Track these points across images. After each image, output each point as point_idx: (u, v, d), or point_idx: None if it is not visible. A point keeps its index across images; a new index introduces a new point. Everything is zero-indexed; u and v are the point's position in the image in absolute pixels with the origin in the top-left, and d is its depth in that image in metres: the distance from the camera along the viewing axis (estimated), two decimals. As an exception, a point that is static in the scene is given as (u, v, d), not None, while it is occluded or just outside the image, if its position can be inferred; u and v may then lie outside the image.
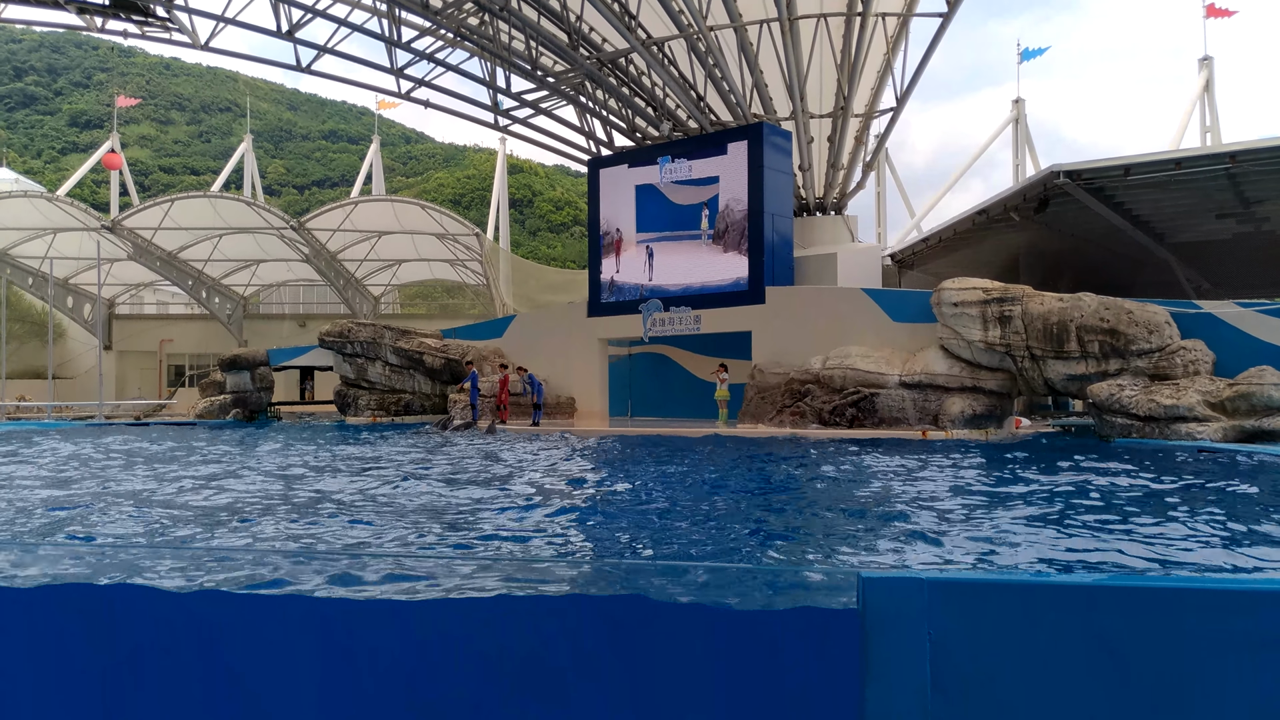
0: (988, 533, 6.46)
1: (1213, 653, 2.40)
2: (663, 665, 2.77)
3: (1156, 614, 2.45)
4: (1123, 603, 2.48)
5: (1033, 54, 40.45)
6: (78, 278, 38.90)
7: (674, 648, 2.77)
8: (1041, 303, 16.99)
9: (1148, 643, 2.43)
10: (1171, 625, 2.43)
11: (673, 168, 23.33)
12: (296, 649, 2.99)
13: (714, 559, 5.80)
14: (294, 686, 2.97)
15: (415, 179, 79.48)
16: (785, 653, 2.71)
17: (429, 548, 6.20)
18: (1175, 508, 7.48)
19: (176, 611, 3.06)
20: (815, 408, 18.78)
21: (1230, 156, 17.83)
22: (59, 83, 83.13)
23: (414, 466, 12.10)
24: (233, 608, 3.07)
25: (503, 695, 2.84)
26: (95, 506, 8.23)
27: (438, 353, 26.02)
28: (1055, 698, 2.47)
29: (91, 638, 3.06)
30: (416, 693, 2.88)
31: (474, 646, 2.88)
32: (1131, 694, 2.43)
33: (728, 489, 9.63)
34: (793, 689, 2.68)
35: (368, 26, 28.68)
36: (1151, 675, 2.43)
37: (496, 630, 2.89)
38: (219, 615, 3.05)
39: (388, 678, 2.91)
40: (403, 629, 2.96)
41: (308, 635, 3.00)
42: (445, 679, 2.87)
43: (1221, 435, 14.25)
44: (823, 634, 2.69)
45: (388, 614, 3.05)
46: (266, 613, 3.06)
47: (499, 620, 2.92)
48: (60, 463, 12.99)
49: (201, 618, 3.05)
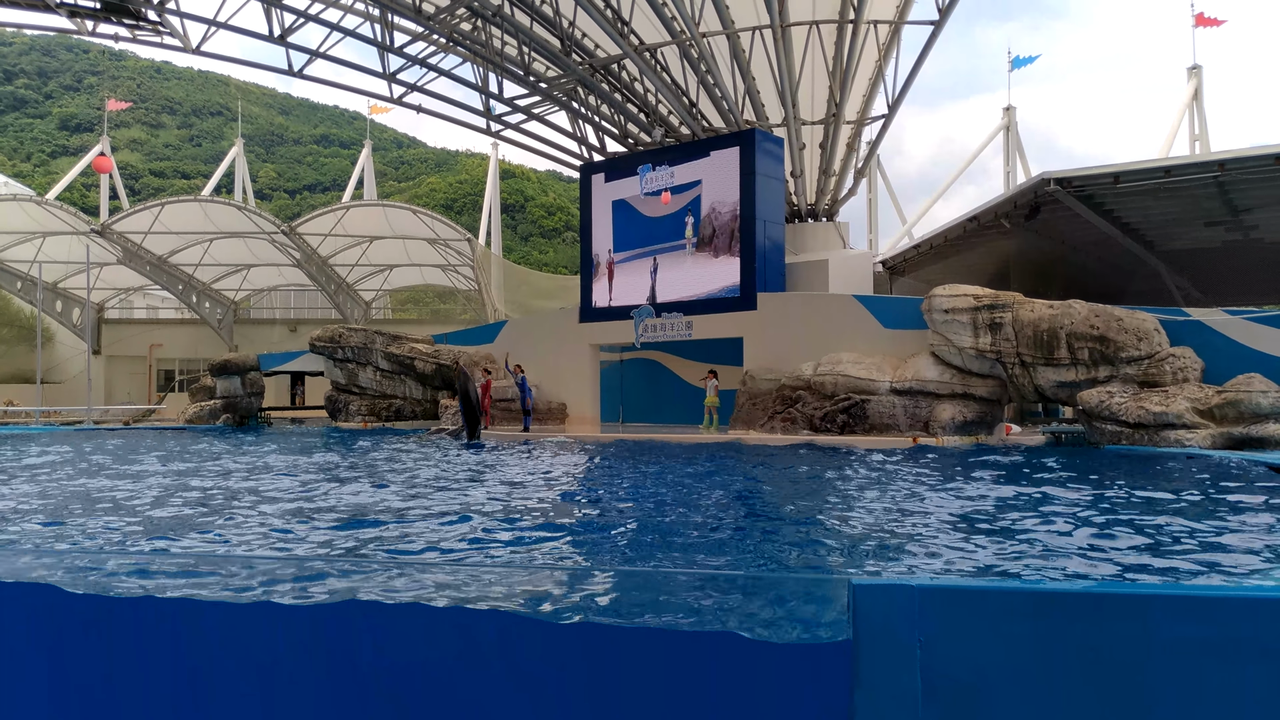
0: (973, 540, 6.46)
1: (1205, 659, 2.39)
2: (644, 676, 2.75)
3: (1147, 621, 2.44)
4: (1113, 609, 2.47)
5: (1023, 62, 40.66)
6: (67, 282, 38.68)
7: (652, 659, 2.75)
8: (1032, 310, 17.05)
9: (1140, 649, 2.43)
10: (1164, 631, 2.43)
11: (654, 176, 23.37)
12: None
13: (705, 566, 5.78)
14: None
15: (407, 184, 79.38)
16: (775, 660, 2.70)
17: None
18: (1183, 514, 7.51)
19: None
20: (806, 414, 18.79)
21: (1219, 165, 17.96)
22: (49, 86, 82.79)
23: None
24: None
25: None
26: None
27: (429, 358, 25.96)
28: (1047, 704, 2.46)
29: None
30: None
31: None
32: (1121, 701, 2.43)
33: (724, 493, 9.62)
34: (783, 695, 2.67)
35: (360, 31, 28.65)
36: (1143, 682, 2.42)
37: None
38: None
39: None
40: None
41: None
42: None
43: (1210, 442, 14.30)
44: (813, 640, 2.69)
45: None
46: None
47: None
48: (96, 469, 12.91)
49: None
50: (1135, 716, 2.42)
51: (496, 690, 2.74)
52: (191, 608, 3.06)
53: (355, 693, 2.82)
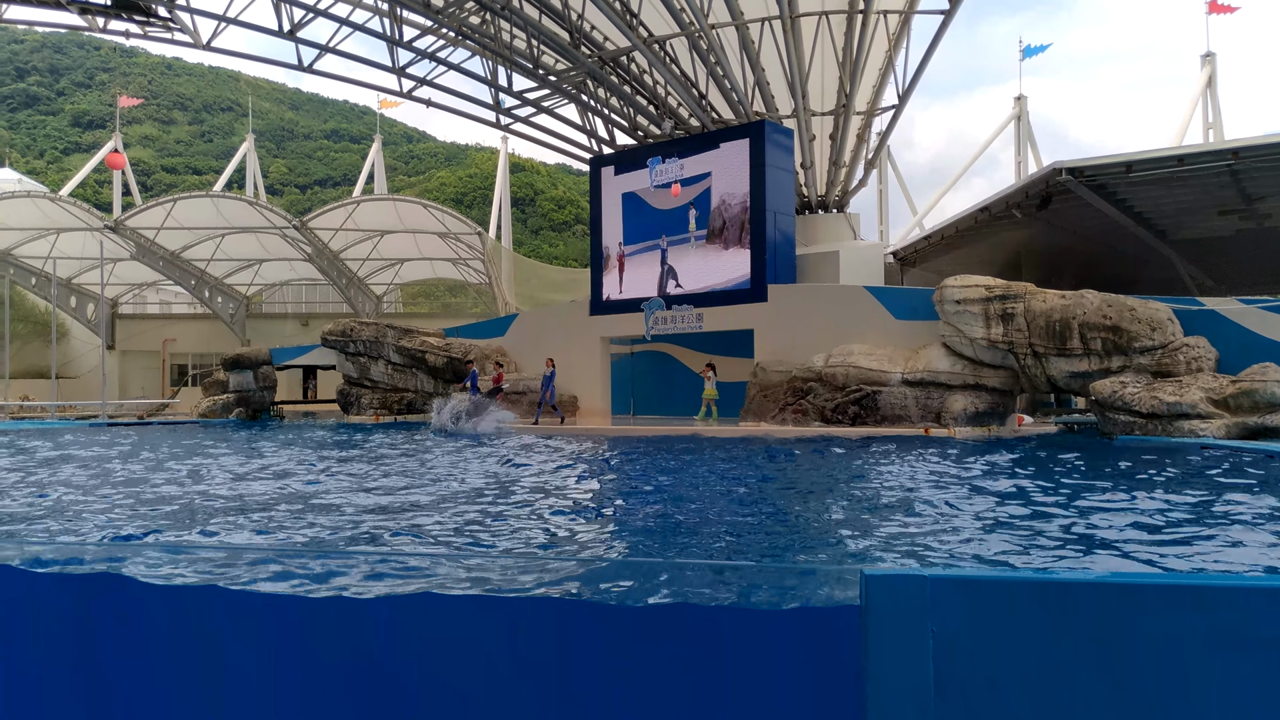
0: (981, 531, 6.46)
1: (1223, 651, 2.37)
2: (657, 667, 2.78)
3: (1163, 611, 2.41)
4: (1129, 600, 2.45)
5: (1034, 51, 40.43)
6: (81, 278, 38.94)
7: (664, 650, 2.79)
8: (1044, 300, 16.98)
9: (1155, 641, 2.40)
10: (1179, 623, 2.39)
11: (663, 168, 23.36)
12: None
13: (716, 556, 5.80)
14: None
15: (417, 178, 79.52)
16: (785, 651, 2.71)
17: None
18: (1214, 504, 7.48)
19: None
20: (818, 405, 18.78)
21: (1233, 153, 17.81)
22: (61, 83, 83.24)
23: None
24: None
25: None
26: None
27: (440, 351, 26.06)
28: (1061, 695, 2.44)
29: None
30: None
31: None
32: (1137, 693, 2.40)
33: (737, 484, 9.64)
34: (793, 686, 2.68)
35: (369, 26, 28.68)
36: (1158, 674, 2.40)
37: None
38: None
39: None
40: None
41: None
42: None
43: (1225, 432, 14.24)
44: (824, 631, 2.69)
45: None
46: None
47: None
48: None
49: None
50: (1149, 708, 2.40)
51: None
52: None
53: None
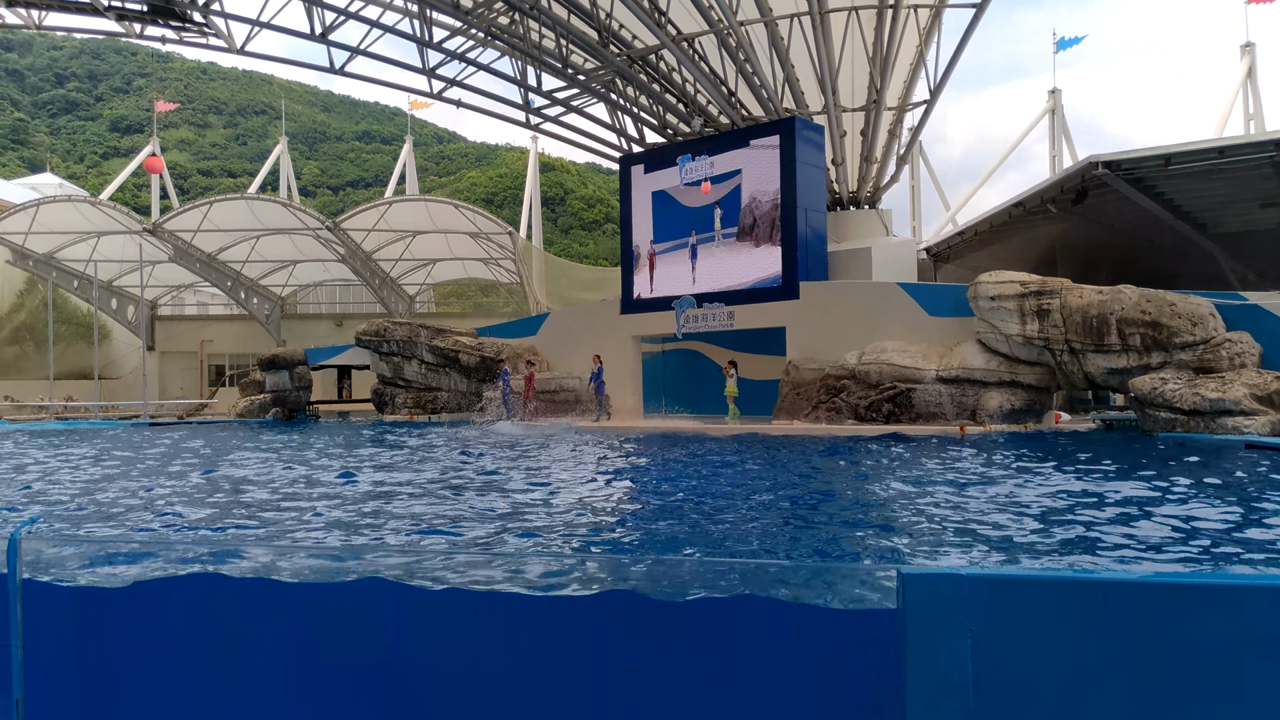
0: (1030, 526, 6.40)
1: (1270, 651, 2.34)
2: (676, 667, 2.82)
3: (1206, 611, 2.38)
4: (1169, 600, 2.43)
5: (1069, 43, 39.81)
6: (121, 280, 39.62)
7: (687, 647, 2.83)
8: (1080, 295, 16.75)
9: (1198, 641, 2.37)
10: (1224, 623, 2.37)
11: (693, 166, 23.33)
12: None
13: (752, 555, 5.81)
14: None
15: (448, 178, 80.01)
16: (825, 650, 2.71)
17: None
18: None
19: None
20: (851, 403, 18.67)
21: (1275, 144, 17.48)
22: (99, 89, 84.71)
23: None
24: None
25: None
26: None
27: (473, 350, 26.23)
28: (1097, 694, 2.43)
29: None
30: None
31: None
32: (1179, 694, 2.38)
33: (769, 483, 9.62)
34: (833, 686, 2.68)
35: (399, 28, 28.93)
36: (1202, 674, 2.37)
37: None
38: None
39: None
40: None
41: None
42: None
43: (1270, 429, 13.97)
44: (862, 630, 2.69)
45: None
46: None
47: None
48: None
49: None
50: (1197, 712, 2.37)
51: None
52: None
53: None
